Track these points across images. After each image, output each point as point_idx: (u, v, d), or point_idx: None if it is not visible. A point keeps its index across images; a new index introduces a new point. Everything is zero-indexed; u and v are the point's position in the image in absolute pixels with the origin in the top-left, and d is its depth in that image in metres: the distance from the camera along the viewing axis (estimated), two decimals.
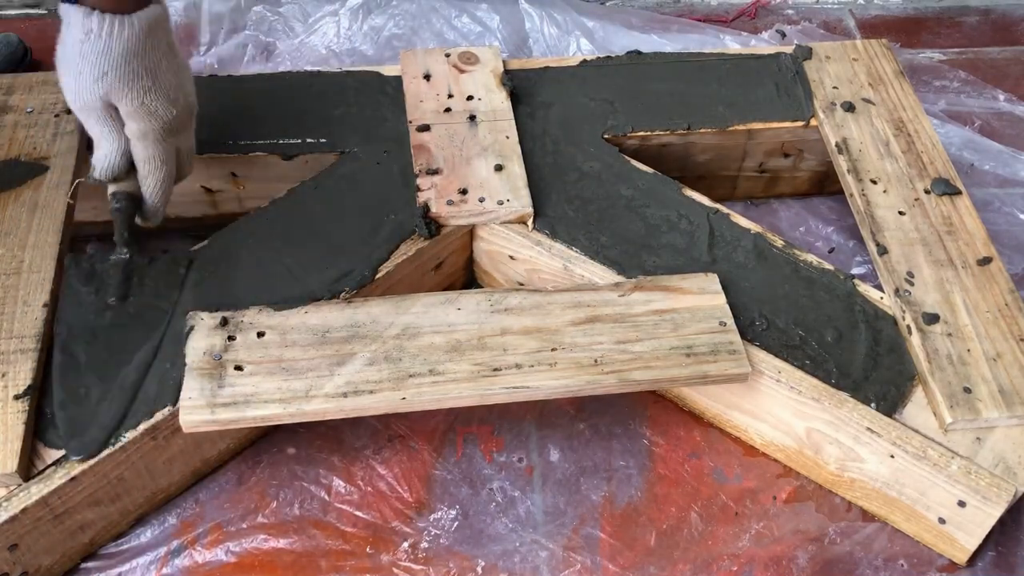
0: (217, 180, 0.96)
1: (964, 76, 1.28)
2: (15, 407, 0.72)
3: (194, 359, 0.75)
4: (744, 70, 1.05)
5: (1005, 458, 0.75)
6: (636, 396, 0.90)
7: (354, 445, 0.86)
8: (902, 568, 0.80)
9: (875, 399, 0.78)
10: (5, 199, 0.87)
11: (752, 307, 0.84)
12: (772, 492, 0.84)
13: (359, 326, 0.78)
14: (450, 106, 0.97)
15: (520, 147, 0.93)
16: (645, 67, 1.05)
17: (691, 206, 0.91)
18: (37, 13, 1.33)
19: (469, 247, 0.92)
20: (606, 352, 0.77)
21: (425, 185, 0.89)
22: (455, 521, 0.82)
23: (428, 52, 1.02)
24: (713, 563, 0.80)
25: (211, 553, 0.79)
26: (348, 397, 0.74)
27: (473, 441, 0.87)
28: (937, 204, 0.91)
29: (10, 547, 0.71)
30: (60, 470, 0.71)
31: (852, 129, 0.98)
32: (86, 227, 0.98)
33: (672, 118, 0.99)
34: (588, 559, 0.80)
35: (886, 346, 0.82)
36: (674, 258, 0.87)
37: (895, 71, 1.05)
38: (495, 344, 0.77)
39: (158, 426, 0.74)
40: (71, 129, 0.92)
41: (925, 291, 0.84)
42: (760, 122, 1.00)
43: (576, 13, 1.29)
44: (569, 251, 0.87)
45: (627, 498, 0.84)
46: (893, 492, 0.79)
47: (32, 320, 0.78)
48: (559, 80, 1.02)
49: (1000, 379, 0.78)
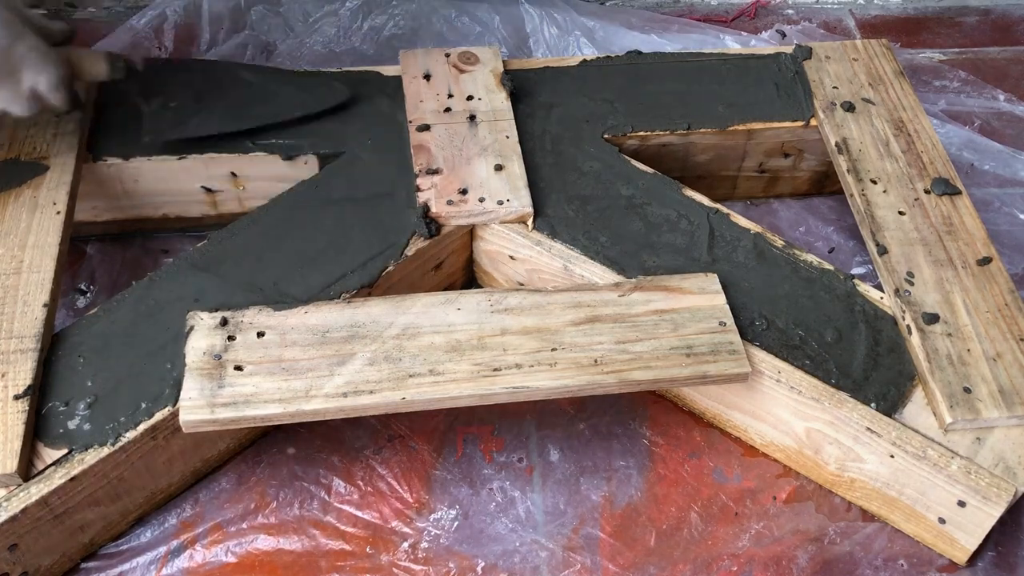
0: (217, 180, 0.96)
1: (964, 76, 1.28)
2: (15, 407, 0.72)
3: (194, 359, 0.75)
4: (744, 70, 1.05)
5: (1005, 458, 0.75)
6: (636, 396, 0.90)
7: (354, 445, 0.86)
8: (902, 568, 0.80)
9: (875, 399, 0.78)
10: (5, 199, 0.87)
11: (752, 307, 0.84)
12: (772, 492, 0.84)
13: (359, 326, 0.78)
14: (450, 106, 0.97)
15: (520, 147, 0.93)
16: (645, 67, 1.05)
17: (691, 206, 0.91)
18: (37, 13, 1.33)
19: (469, 247, 0.92)
20: (606, 352, 0.77)
21: (425, 185, 0.89)
22: (455, 521, 0.82)
23: (428, 52, 1.03)
24: (713, 563, 0.80)
25: (211, 553, 0.79)
26: (348, 397, 0.74)
27: (473, 441, 0.87)
28: (937, 204, 0.91)
29: (10, 547, 0.71)
30: (60, 470, 0.71)
31: (852, 129, 0.98)
32: (86, 227, 0.98)
33: (672, 118, 0.99)
34: (588, 559, 0.80)
35: (886, 346, 0.82)
36: (674, 258, 0.87)
37: (895, 71, 1.05)
38: (495, 344, 0.77)
39: (158, 426, 0.75)
40: (71, 129, 0.92)
41: (925, 291, 0.84)
42: (760, 122, 1.00)
43: (576, 13, 1.29)
44: (569, 251, 0.87)
45: (627, 498, 0.84)
46: (893, 492, 0.79)
47: (32, 320, 0.78)
48: (559, 80, 1.02)
49: (1000, 379, 0.78)
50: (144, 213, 0.98)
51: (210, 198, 0.98)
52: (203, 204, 0.99)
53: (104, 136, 0.95)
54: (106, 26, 1.30)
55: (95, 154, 0.93)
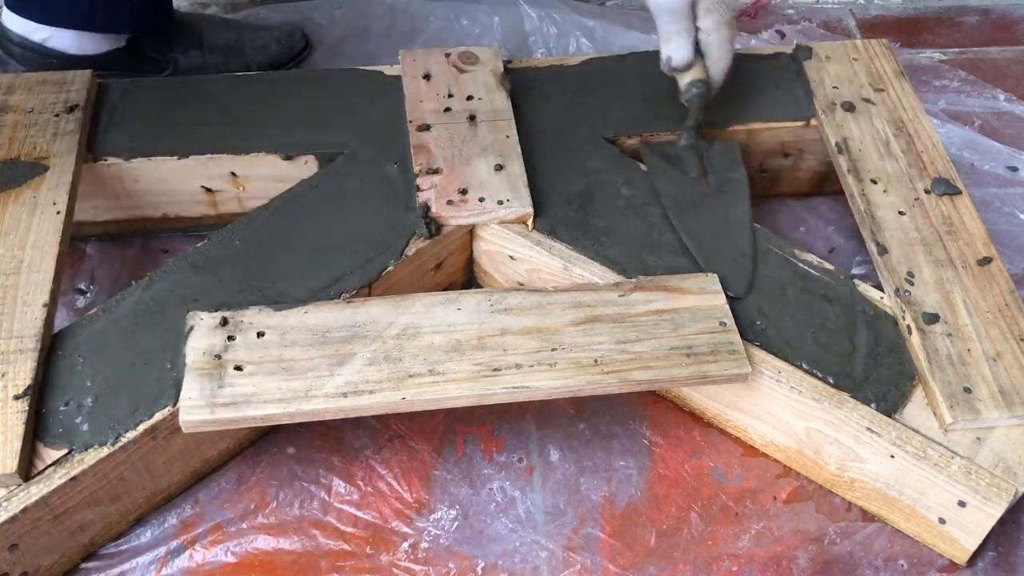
0: (217, 180, 0.96)
1: (964, 76, 1.28)
2: (15, 407, 0.72)
3: (194, 359, 0.75)
4: (744, 70, 1.05)
5: (1005, 458, 0.75)
6: (636, 396, 0.90)
7: (354, 445, 0.86)
8: (902, 568, 0.80)
9: (875, 399, 0.78)
10: (5, 199, 0.87)
11: (752, 307, 0.84)
12: (772, 492, 0.84)
13: (359, 326, 0.78)
14: (450, 106, 0.97)
15: (520, 147, 0.93)
16: (645, 67, 1.05)
17: None
18: None
19: (469, 247, 0.92)
20: (606, 352, 0.77)
21: (425, 185, 0.89)
22: (455, 521, 0.82)
23: (428, 52, 1.02)
24: (713, 563, 0.80)
25: (211, 553, 0.79)
26: (348, 397, 0.74)
27: (473, 441, 0.87)
28: (937, 204, 0.91)
29: (10, 547, 0.71)
30: (60, 470, 0.71)
31: (852, 129, 0.98)
32: (86, 227, 0.98)
33: (672, 118, 0.99)
34: (588, 559, 0.80)
35: (886, 346, 0.82)
36: (674, 258, 0.87)
37: (895, 71, 1.05)
38: (495, 344, 0.77)
39: (158, 426, 0.74)
40: (71, 129, 0.92)
41: (925, 291, 0.84)
42: (760, 122, 1.00)
43: (576, 13, 1.29)
44: (569, 251, 0.87)
45: (627, 498, 0.84)
46: (893, 492, 0.79)
47: (32, 320, 0.78)
48: (559, 80, 1.02)
49: (1000, 379, 0.78)
50: (144, 213, 0.99)
51: (210, 198, 0.98)
52: (203, 204, 0.99)
53: (104, 136, 0.95)
54: None
55: (95, 154, 0.93)
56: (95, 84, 0.99)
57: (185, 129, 0.95)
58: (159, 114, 0.97)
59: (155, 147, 0.94)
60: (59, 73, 0.99)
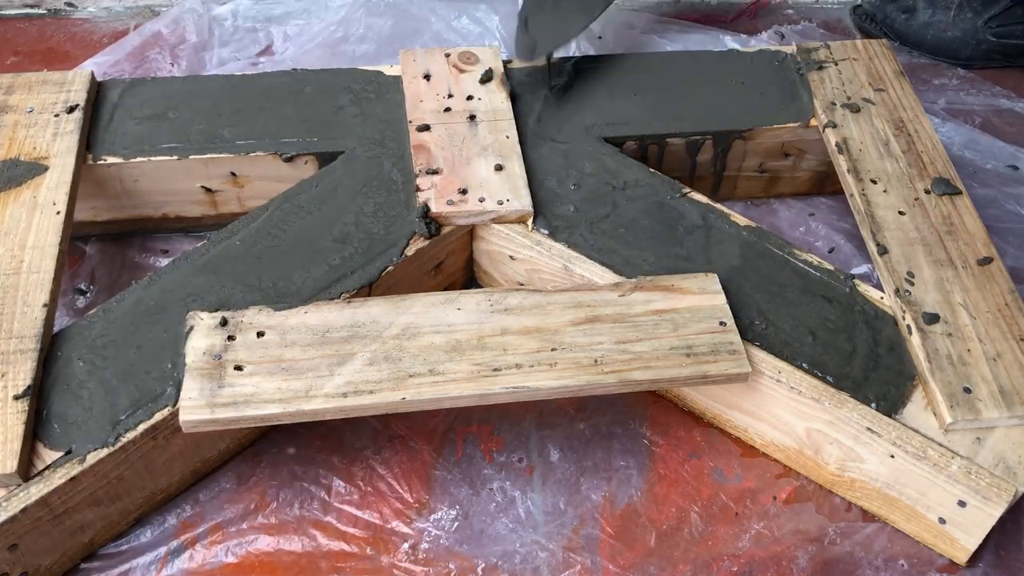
0: (217, 180, 0.96)
1: (963, 74, 1.28)
2: (15, 407, 0.72)
3: (194, 359, 0.75)
4: (744, 70, 1.05)
5: (1005, 458, 0.75)
6: (636, 396, 0.90)
7: (354, 445, 0.86)
8: (902, 568, 0.80)
9: (875, 399, 0.78)
10: (5, 199, 0.87)
11: (752, 307, 0.84)
12: (772, 492, 0.84)
13: (359, 326, 0.78)
14: (450, 106, 0.97)
15: (520, 147, 0.93)
16: (645, 67, 1.05)
17: (691, 206, 0.91)
18: (37, 13, 1.33)
19: (469, 247, 0.92)
20: (606, 352, 0.77)
21: (425, 185, 0.89)
22: (455, 521, 0.82)
23: (428, 52, 1.03)
24: (713, 563, 0.80)
25: (211, 553, 0.79)
26: (348, 397, 0.74)
27: (473, 441, 0.87)
28: (937, 204, 0.91)
29: (10, 547, 0.71)
30: (60, 470, 0.71)
31: (852, 129, 0.98)
32: (86, 227, 0.98)
33: (672, 118, 0.99)
34: (588, 559, 0.80)
35: (886, 346, 0.82)
36: (674, 258, 0.87)
37: (895, 71, 1.05)
38: (495, 344, 0.77)
39: (158, 426, 0.75)
40: (71, 129, 0.93)
41: (925, 291, 0.84)
42: (760, 122, 1.00)
43: None
44: (569, 251, 0.87)
45: (627, 498, 0.84)
46: (893, 492, 0.79)
47: (32, 320, 0.78)
48: (559, 80, 1.02)
49: (1000, 379, 0.78)
50: (144, 213, 0.99)
51: (210, 198, 0.98)
52: (203, 204, 0.99)
53: (104, 136, 0.95)
54: (105, 26, 1.30)
55: (95, 154, 0.93)
56: (95, 84, 0.99)
57: (185, 129, 0.96)
58: (159, 114, 0.97)
59: (155, 147, 0.94)
60: (59, 73, 0.99)
